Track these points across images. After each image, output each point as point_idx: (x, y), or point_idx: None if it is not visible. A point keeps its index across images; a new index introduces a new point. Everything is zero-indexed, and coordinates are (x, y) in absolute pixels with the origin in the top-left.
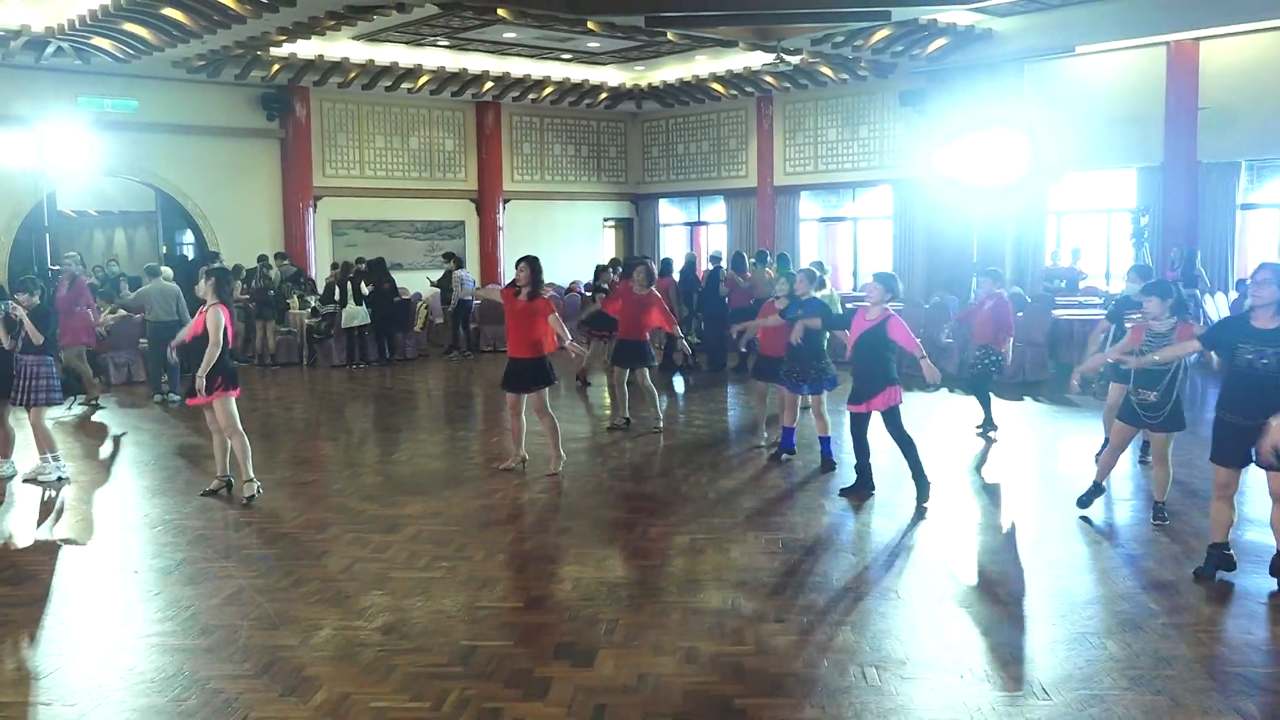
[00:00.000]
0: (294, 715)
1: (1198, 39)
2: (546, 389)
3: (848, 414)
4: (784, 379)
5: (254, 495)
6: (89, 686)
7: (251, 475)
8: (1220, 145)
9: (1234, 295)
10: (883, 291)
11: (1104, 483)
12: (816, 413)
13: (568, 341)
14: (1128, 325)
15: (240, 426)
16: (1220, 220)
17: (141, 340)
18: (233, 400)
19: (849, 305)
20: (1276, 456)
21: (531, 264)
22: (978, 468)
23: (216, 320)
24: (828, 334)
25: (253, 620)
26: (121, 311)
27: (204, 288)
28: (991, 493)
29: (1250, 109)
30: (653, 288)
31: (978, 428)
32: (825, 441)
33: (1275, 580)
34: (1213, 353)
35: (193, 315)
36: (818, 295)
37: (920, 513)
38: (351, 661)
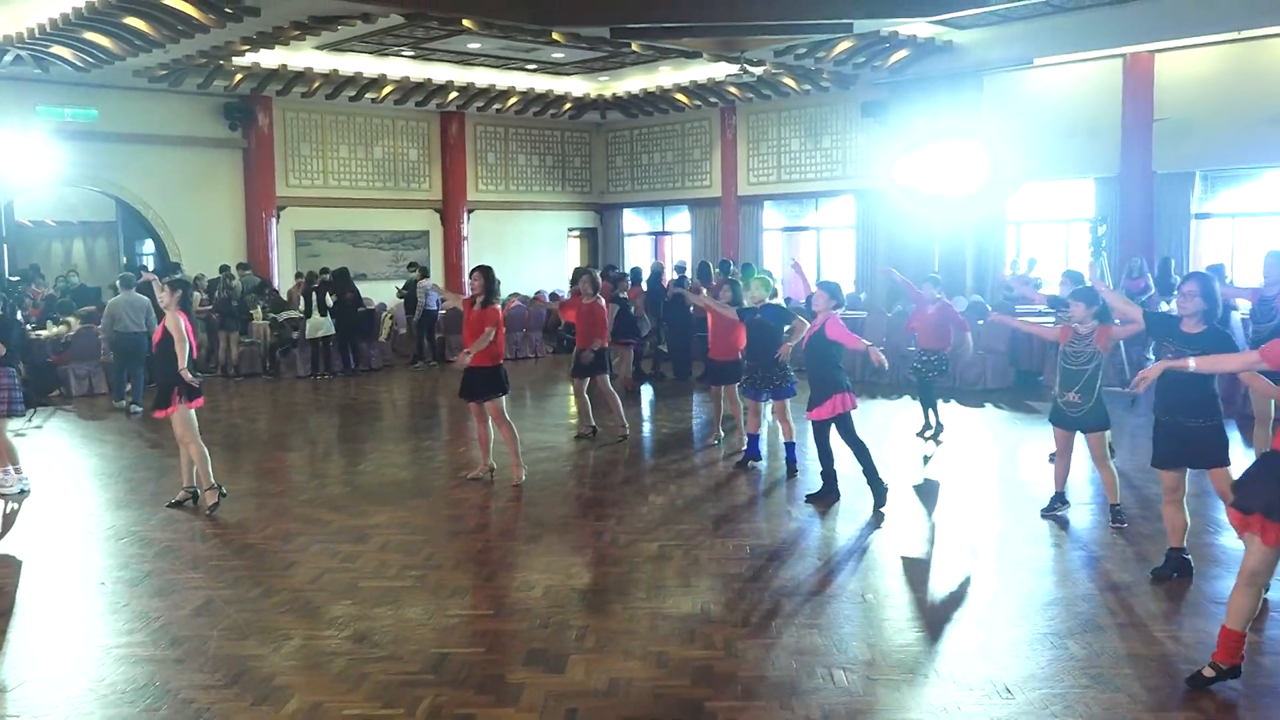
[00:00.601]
0: None
1: (1153, 52)
2: (502, 397)
3: (810, 422)
4: (745, 387)
5: (216, 504)
6: (59, 699)
7: (214, 483)
8: (1175, 156)
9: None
10: (828, 299)
11: (1064, 489)
12: (780, 418)
13: (466, 355)
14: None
15: (198, 437)
16: (1175, 230)
17: (104, 353)
18: (192, 412)
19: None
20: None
21: (485, 273)
22: (940, 473)
23: (176, 321)
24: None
25: (222, 630)
26: (75, 322)
27: (166, 297)
28: (954, 498)
29: (1205, 120)
30: (599, 296)
31: (923, 432)
32: (790, 447)
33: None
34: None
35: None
36: (770, 303)
37: (878, 517)
38: (323, 670)
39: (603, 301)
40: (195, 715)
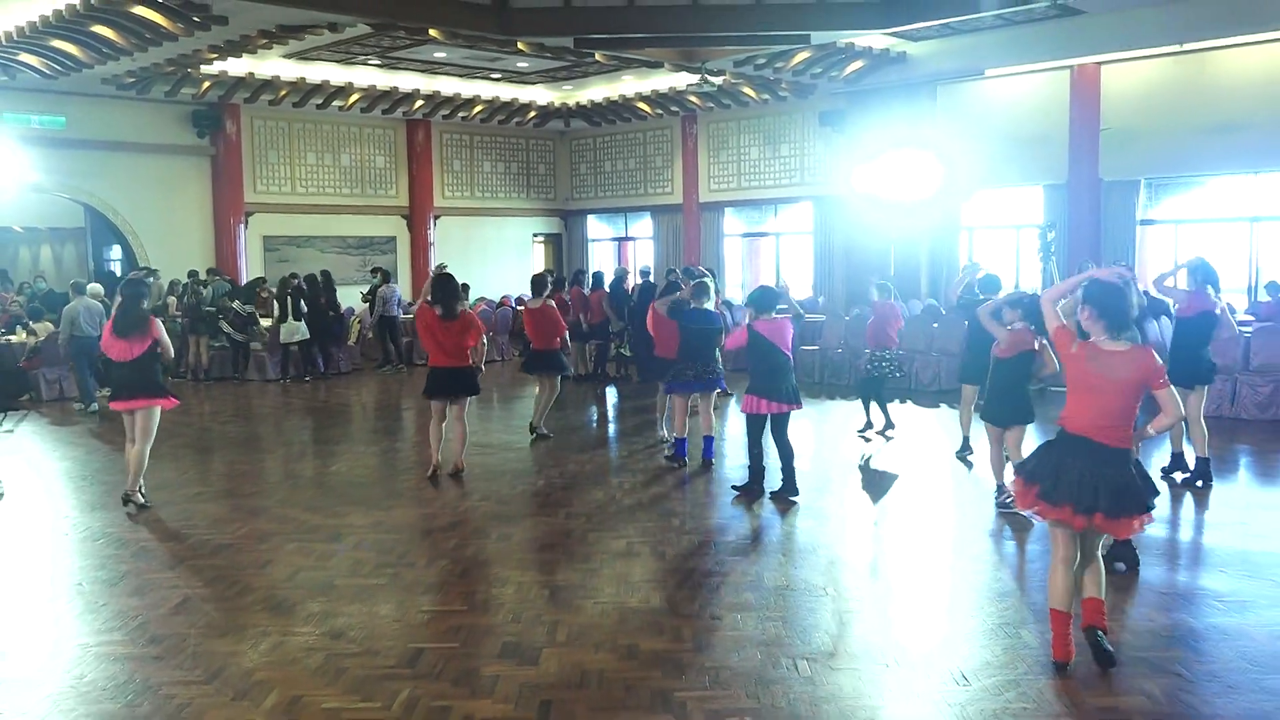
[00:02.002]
0: (247, 717)
1: (1099, 63)
2: (469, 398)
3: (745, 417)
4: (674, 383)
5: (141, 503)
6: (40, 696)
7: (142, 483)
8: (1121, 164)
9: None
10: (751, 306)
11: (1004, 482)
12: (704, 411)
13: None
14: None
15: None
16: (1121, 235)
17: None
18: (158, 410)
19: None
20: None
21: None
22: (895, 470)
23: (157, 324)
24: (723, 337)
25: (201, 629)
26: (46, 327)
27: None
28: (910, 495)
29: (1149, 129)
30: (546, 299)
31: (864, 430)
32: (708, 440)
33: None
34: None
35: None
36: (706, 306)
37: (789, 505)
38: (300, 665)
39: (551, 305)
40: (176, 710)
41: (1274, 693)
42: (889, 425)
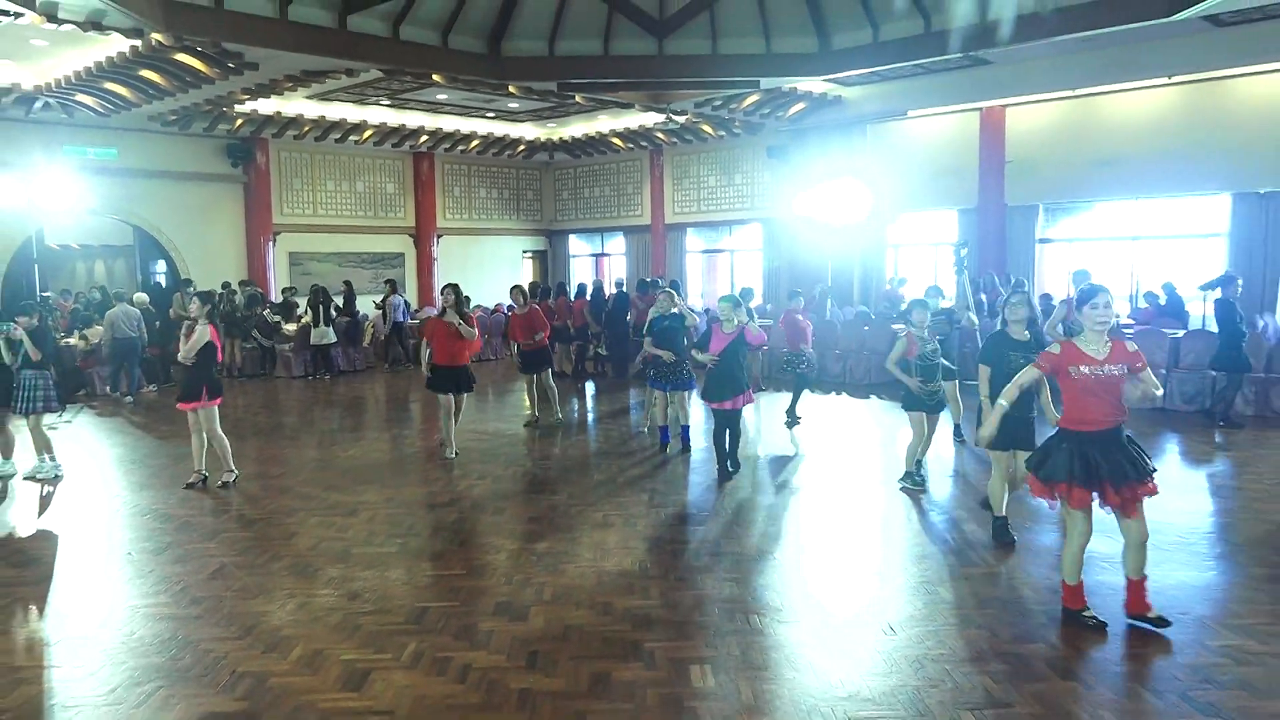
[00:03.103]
0: (276, 668)
1: (1005, 105)
2: (466, 394)
3: (706, 408)
4: (651, 379)
5: (230, 483)
6: (95, 650)
7: (232, 468)
8: (1023, 191)
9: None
10: (731, 309)
11: (922, 463)
12: (680, 406)
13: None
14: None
15: (220, 429)
16: (1024, 253)
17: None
18: (215, 408)
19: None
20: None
21: (454, 290)
22: (833, 453)
23: (202, 333)
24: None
25: (235, 591)
26: (99, 331)
27: (196, 309)
28: (845, 474)
29: (1047, 161)
30: (532, 304)
31: (790, 418)
32: (685, 429)
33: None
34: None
35: (161, 333)
36: (675, 311)
37: (733, 480)
38: (322, 623)
39: (536, 308)
40: (214, 663)
41: (1150, 638)
42: (795, 417)
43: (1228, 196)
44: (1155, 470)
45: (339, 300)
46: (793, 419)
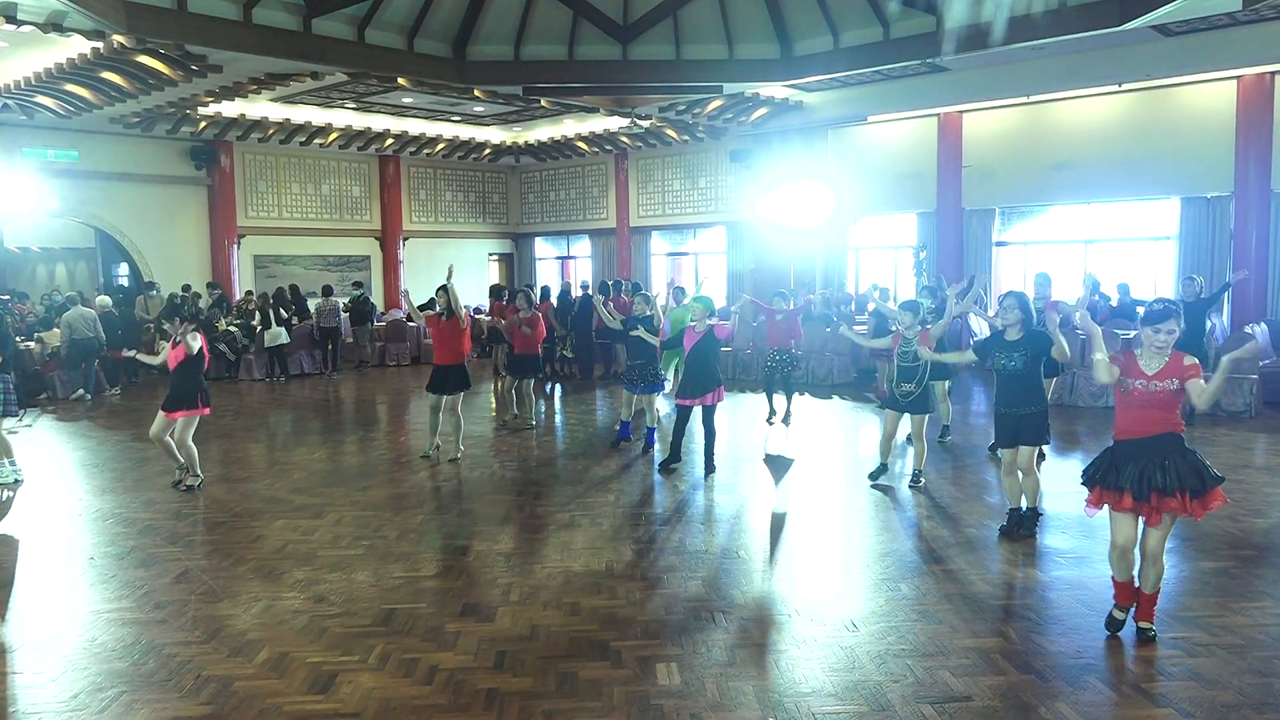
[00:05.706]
0: (241, 672)
1: (962, 111)
2: (462, 392)
3: (675, 405)
4: (624, 379)
5: (195, 487)
6: (57, 657)
7: (199, 474)
8: (980, 195)
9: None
10: (703, 310)
11: (888, 461)
12: (649, 408)
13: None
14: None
15: (190, 439)
16: (980, 255)
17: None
18: (197, 418)
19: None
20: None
21: (446, 292)
22: (795, 451)
23: (193, 343)
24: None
25: (199, 595)
26: (59, 332)
27: (177, 326)
28: (807, 472)
29: (1003, 166)
30: (536, 311)
31: (770, 418)
32: (650, 431)
33: (1034, 536)
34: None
35: (123, 335)
36: (648, 313)
37: (711, 480)
38: (288, 626)
39: (538, 314)
40: (179, 667)
41: (1105, 633)
42: (788, 415)
43: (1177, 201)
44: (1197, 486)
45: (286, 300)
46: (785, 418)
